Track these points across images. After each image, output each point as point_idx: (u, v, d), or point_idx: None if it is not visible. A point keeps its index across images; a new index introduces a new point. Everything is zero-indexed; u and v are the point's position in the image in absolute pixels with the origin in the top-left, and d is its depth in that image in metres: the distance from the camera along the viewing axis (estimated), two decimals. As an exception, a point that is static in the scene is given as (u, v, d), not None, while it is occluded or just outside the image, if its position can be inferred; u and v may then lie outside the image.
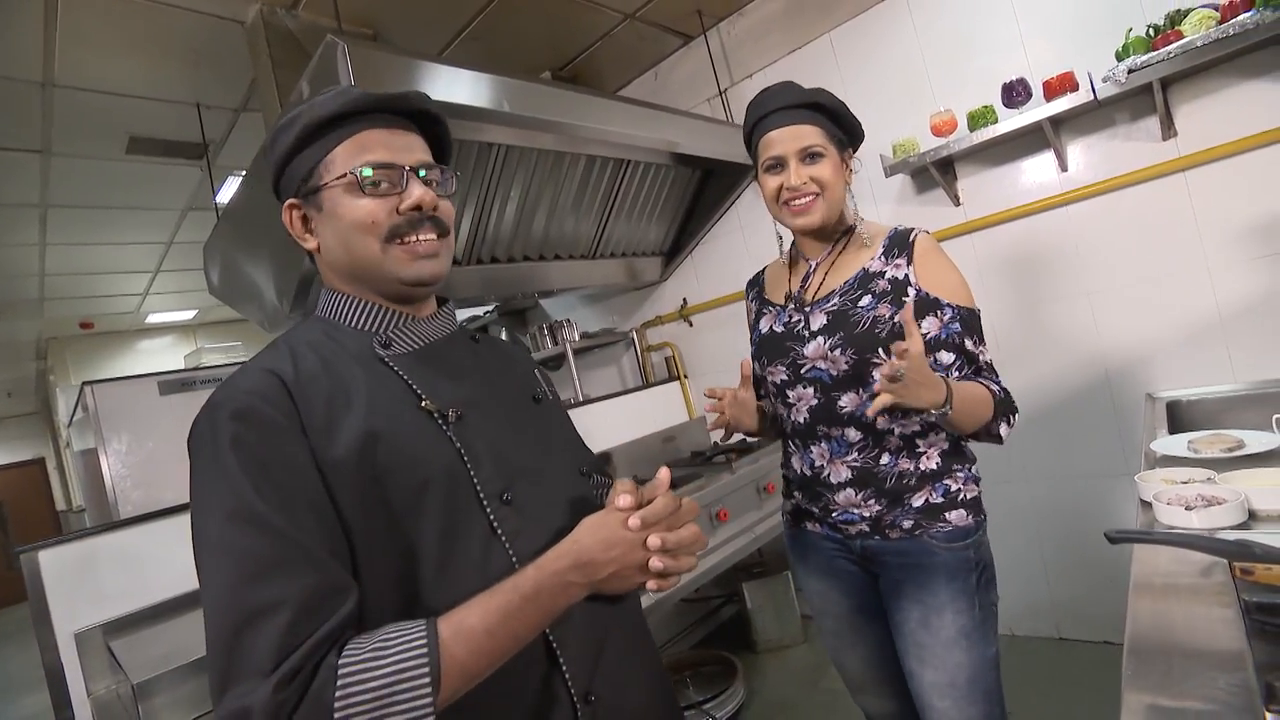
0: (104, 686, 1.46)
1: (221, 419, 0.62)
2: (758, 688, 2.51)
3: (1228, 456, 1.31)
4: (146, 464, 3.02)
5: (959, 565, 1.12)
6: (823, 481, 1.17)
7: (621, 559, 0.64)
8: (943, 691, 1.12)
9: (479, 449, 0.71)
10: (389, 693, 0.54)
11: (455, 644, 0.58)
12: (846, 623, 1.26)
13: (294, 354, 0.69)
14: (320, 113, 0.71)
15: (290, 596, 0.56)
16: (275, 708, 0.52)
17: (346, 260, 0.74)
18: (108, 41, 2.29)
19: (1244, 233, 1.88)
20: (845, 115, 1.15)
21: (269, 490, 0.59)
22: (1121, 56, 1.78)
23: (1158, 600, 0.84)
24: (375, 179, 0.71)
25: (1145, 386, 2.08)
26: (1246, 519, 1.01)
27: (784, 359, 1.17)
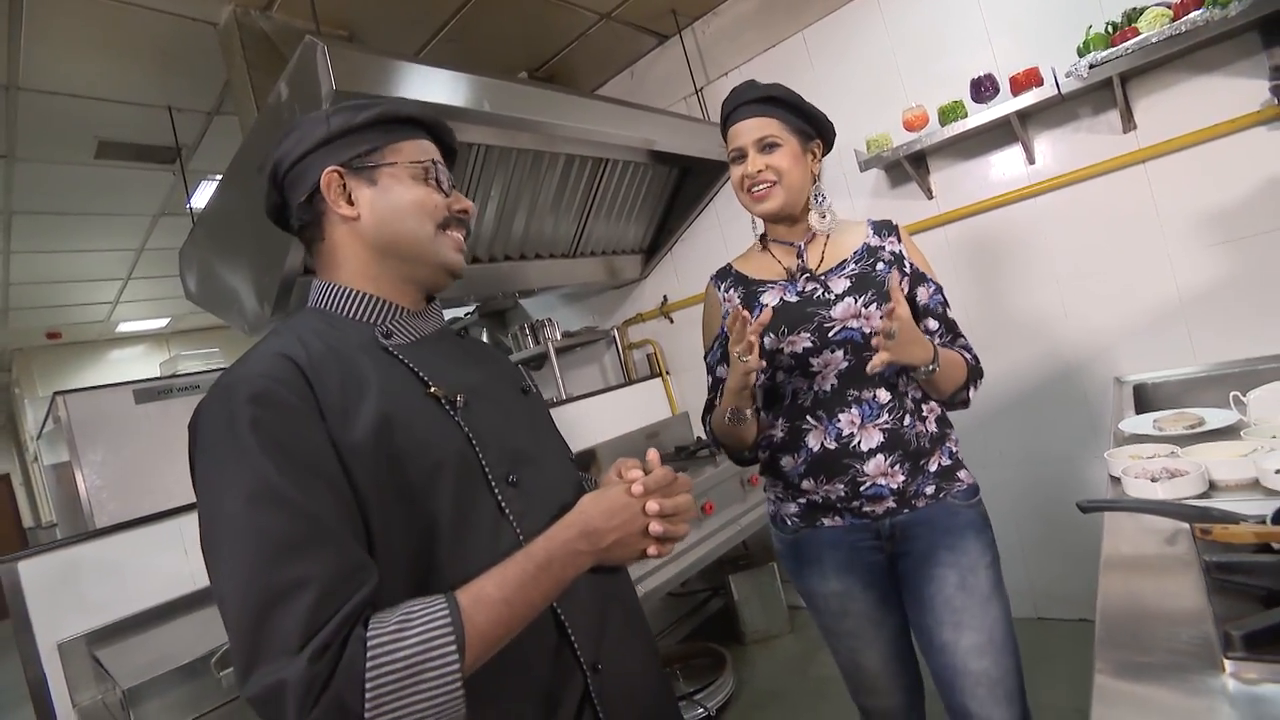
0: (89, 697, 1.44)
1: (239, 402, 0.63)
2: (746, 678, 2.54)
3: (1190, 433, 1.37)
4: (123, 474, 2.97)
5: (982, 520, 1.22)
6: (851, 452, 1.16)
7: (623, 526, 0.70)
8: (982, 650, 1.15)
9: (484, 433, 0.74)
10: (418, 662, 0.57)
11: (476, 613, 0.61)
12: (867, 619, 1.25)
13: (302, 339, 0.71)
14: (402, 109, 0.81)
15: (316, 575, 0.57)
16: (310, 680, 0.53)
17: (390, 235, 0.78)
18: (75, 44, 2.25)
19: (1201, 221, 1.96)
20: (803, 106, 1.20)
21: (291, 471, 0.60)
22: (1083, 52, 1.85)
23: (1128, 570, 0.88)
24: (438, 175, 0.81)
25: (1113, 370, 2.15)
26: (1207, 489, 1.06)
27: (808, 324, 1.17)
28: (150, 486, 2.86)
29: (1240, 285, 1.92)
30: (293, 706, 0.53)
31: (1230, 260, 1.93)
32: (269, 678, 0.54)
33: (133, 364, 6.67)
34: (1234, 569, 0.77)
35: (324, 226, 0.78)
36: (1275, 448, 1.07)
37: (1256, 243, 1.89)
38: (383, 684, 0.55)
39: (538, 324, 3.22)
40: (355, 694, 0.54)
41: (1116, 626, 0.76)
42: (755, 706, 2.35)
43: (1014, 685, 1.18)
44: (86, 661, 1.44)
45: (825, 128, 1.23)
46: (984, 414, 2.40)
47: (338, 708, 0.54)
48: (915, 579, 1.20)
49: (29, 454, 7.64)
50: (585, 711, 0.72)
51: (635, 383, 3.10)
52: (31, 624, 1.42)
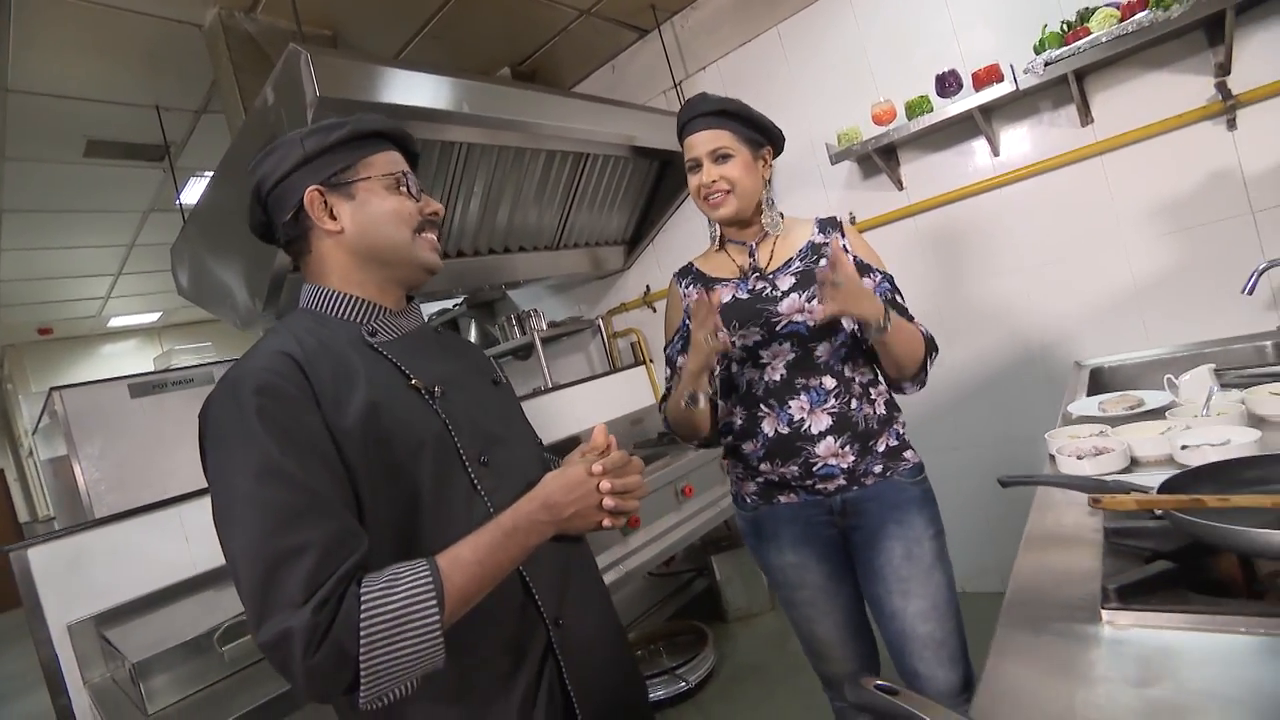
0: (99, 674, 1.53)
1: (245, 394, 0.72)
2: (728, 653, 2.65)
3: (1128, 414, 1.47)
4: (121, 467, 3.03)
5: (925, 496, 1.31)
6: (803, 435, 1.25)
7: (580, 500, 0.79)
8: (926, 615, 1.26)
9: (459, 419, 0.84)
10: (404, 614, 0.66)
11: (453, 573, 0.71)
12: (821, 590, 1.34)
13: (298, 337, 0.80)
14: (371, 126, 0.88)
15: (316, 539, 0.66)
16: (313, 628, 0.63)
17: (374, 242, 0.86)
18: (63, 47, 2.29)
19: (1154, 211, 2.05)
20: (753, 117, 1.27)
21: (292, 452, 0.70)
22: (1039, 50, 1.93)
23: (1046, 540, 0.98)
24: (408, 184, 0.88)
25: (1074, 355, 2.25)
26: (1129, 464, 1.16)
27: (756, 320, 1.27)
28: (148, 478, 2.93)
29: (1190, 273, 2.02)
30: (299, 650, 0.62)
31: (1180, 249, 2.03)
32: (278, 626, 0.63)
33: (125, 358, 6.71)
34: (1126, 534, 0.87)
35: (310, 240, 0.87)
36: (1190, 427, 1.17)
37: (1204, 232, 1.98)
38: (374, 632, 0.65)
39: (524, 315, 3.29)
40: (351, 640, 0.64)
41: (1024, 588, 0.86)
42: (734, 680, 2.47)
43: (957, 647, 1.28)
44: (95, 641, 1.53)
45: (774, 136, 1.31)
46: (953, 398, 2.50)
47: (337, 651, 0.63)
48: (866, 551, 1.30)
49: (23, 449, 7.68)
50: (548, 660, 0.83)
51: (620, 371, 3.19)
52: (43, 607, 1.51)
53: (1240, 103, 1.84)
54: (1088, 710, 0.60)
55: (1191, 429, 1.16)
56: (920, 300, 2.52)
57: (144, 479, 2.98)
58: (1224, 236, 1.95)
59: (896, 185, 2.49)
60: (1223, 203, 1.94)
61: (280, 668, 0.65)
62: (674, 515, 2.25)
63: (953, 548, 1.33)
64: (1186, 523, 0.75)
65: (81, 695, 1.52)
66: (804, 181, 2.67)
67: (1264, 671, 0.59)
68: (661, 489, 2.23)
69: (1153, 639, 0.68)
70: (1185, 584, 0.75)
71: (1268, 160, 1.85)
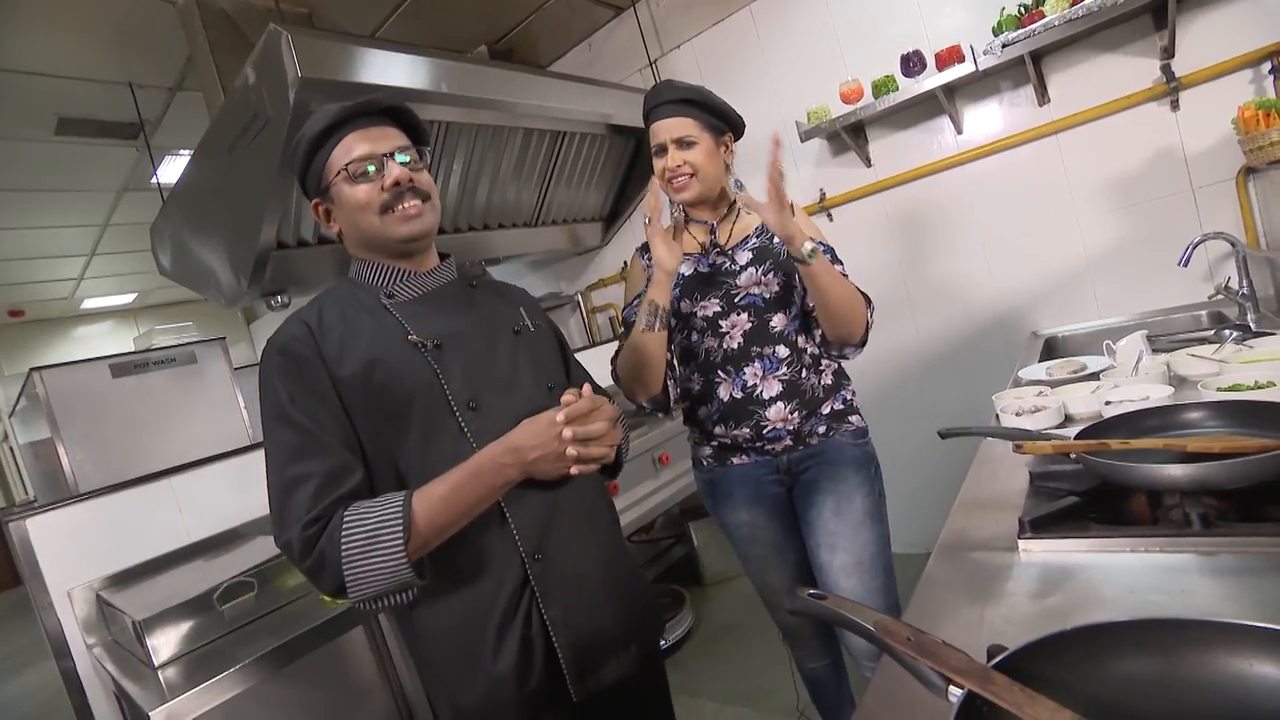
0: (101, 638, 1.60)
1: (272, 355, 0.90)
2: (705, 614, 2.78)
3: (1071, 377, 1.58)
4: (105, 447, 3.05)
5: (863, 458, 1.39)
6: (755, 400, 1.33)
7: (543, 446, 0.86)
8: (850, 571, 1.34)
9: (452, 368, 0.93)
10: (374, 534, 0.80)
11: (422, 506, 0.83)
12: (773, 545, 1.45)
13: (321, 308, 0.95)
14: (311, 131, 0.95)
15: (315, 471, 0.83)
16: (305, 540, 0.80)
17: (358, 233, 0.97)
18: (33, 22, 2.28)
19: (1104, 188, 2.16)
20: (716, 106, 1.33)
21: (300, 401, 0.86)
22: (997, 32, 2.01)
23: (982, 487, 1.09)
24: (361, 170, 0.93)
25: (1032, 325, 2.38)
26: (1063, 421, 1.27)
27: (717, 291, 1.36)
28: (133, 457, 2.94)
29: (1136, 246, 2.14)
30: (296, 555, 0.81)
31: (1128, 224, 2.14)
32: (285, 536, 0.82)
33: (100, 340, 6.64)
34: (1048, 477, 0.98)
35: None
36: (1119, 386, 1.28)
37: (1150, 208, 2.09)
38: (352, 548, 0.80)
39: (505, 292, 3.34)
40: (334, 551, 0.80)
41: (956, 528, 0.96)
42: (711, 639, 2.59)
43: (880, 605, 1.35)
44: (96, 606, 1.59)
45: (735, 123, 1.37)
46: (916, 368, 2.62)
47: (321, 559, 0.80)
48: (802, 505, 1.41)
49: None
50: (524, 591, 0.92)
51: (599, 344, 3.26)
52: (43, 575, 1.56)
53: (1183, 85, 1.94)
54: (994, 619, 0.70)
55: (1119, 388, 1.27)
56: (887, 273, 2.62)
57: (129, 458, 2.99)
58: (1167, 212, 2.06)
59: (865, 162, 2.57)
60: (1167, 180, 2.05)
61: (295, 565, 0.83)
62: (651, 482, 2.35)
63: (911, 512, 1.43)
64: (1095, 463, 0.86)
65: (85, 658, 1.59)
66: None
67: (1139, 578, 0.70)
68: (639, 457, 2.32)
69: (1056, 561, 0.79)
70: (1093, 517, 0.85)
71: (1207, 140, 1.96)
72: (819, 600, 0.59)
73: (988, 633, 0.68)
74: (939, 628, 0.71)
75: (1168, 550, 0.73)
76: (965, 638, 0.67)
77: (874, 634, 0.53)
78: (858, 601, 1.25)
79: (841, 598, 0.59)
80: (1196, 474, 0.74)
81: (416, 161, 0.97)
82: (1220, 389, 1.10)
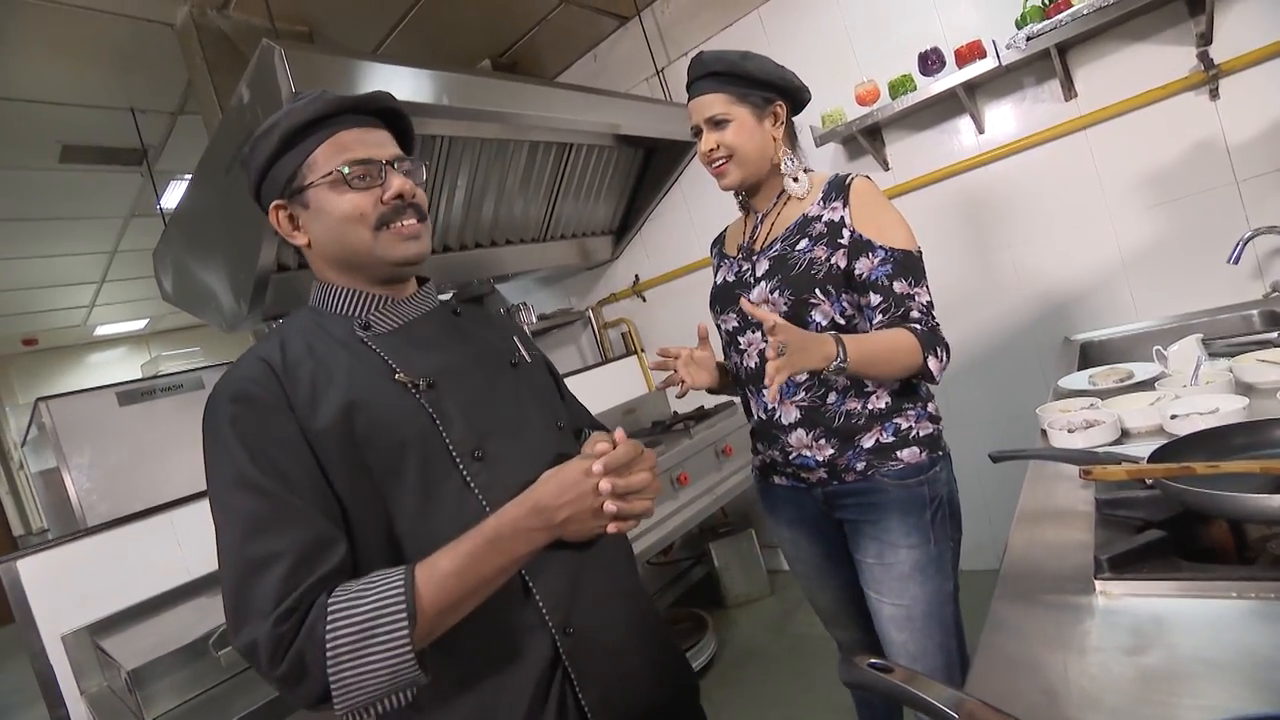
0: (96, 684, 1.52)
1: (222, 403, 0.73)
2: (728, 638, 2.66)
3: (1118, 386, 1.47)
4: (112, 476, 3.00)
5: (912, 502, 1.17)
6: (775, 424, 1.22)
7: (575, 503, 0.70)
8: (900, 624, 1.19)
9: (451, 412, 0.79)
10: (370, 627, 0.63)
11: (427, 585, 0.66)
12: (815, 567, 1.35)
13: (283, 341, 0.78)
14: (297, 119, 0.78)
15: (286, 549, 0.65)
16: (277, 639, 0.62)
17: (338, 250, 0.81)
18: (32, 49, 2.25)
19: (1139, 184, 2.05)
20: (751, 73, 1.17)
21: (264, 460, 0.69)
22: (1021, 24, 1.91)
23: (1039, 513, 0.98)
24: (359, 174, 0.78)
25: (1064, 330, 2.26)
26: (1120, 436, 1.16)
27: (733, 306, 1.24)
28: (140, 486, 2.90)
29: (1176, 244, 2.02)
30: (264, 660, 0.63)
31: (1166, 221, 2.03)
32: (248, 636, 0.63)
33: (113, 366, 6.66)
34: (1118, 504, 0.87)
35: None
36: (1179, 396, 1.17)
37: (1189, 203, 1.98)
38: (340, 645, 0.63)
39: (514, 308, 3.27)
40: (316, 652, 0.62)
41: (1018, 562, 0.86)
42: (736, 665, 2.48)
43: (937, 664, 1.18)
44: (90, 651, 1.52)
45: (784, 88, 1.21)
46: (948, 375, 2.49)
47: (300, 664, 0.63)
48: (851, 540, 1.26)
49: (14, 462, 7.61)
50: (556, 671, 0.77)
51: (612, 361, 3.18)
52: (35, 619, 1.49)
53: (1223, 72, 1.84)
54: (1082, 680, 0.60)
55: (1180, 399, 1.16)
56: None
57: (136, 487, 2.95)
58: (1209, 207, 1.95)
59: (882, 166, 2.48)
60: (1207, 173, 1.94)
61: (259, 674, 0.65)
62: (670, 503, 2.25)
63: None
64: (1177, 490, 0.75)
65: (79, 705, 1.51)
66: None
67: (1253, 635, 0.60)
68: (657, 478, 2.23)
69: (1145, 607, 0.68)
70: (1176, 552, 0.75)
71: (1251, 129, 1.85)
72: (883, 673, 0.49)
73: (1078, 699, 0.57)
74: (1017, 691, 0.61)
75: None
76: (1056, 709, 0.57)
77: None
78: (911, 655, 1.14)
79: (910, 670, 0.49)
80: (1313, 505, 0.64)
81: (411, 174, 0.83)
82: (1303, 398, 0.99)
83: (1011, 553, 0.89)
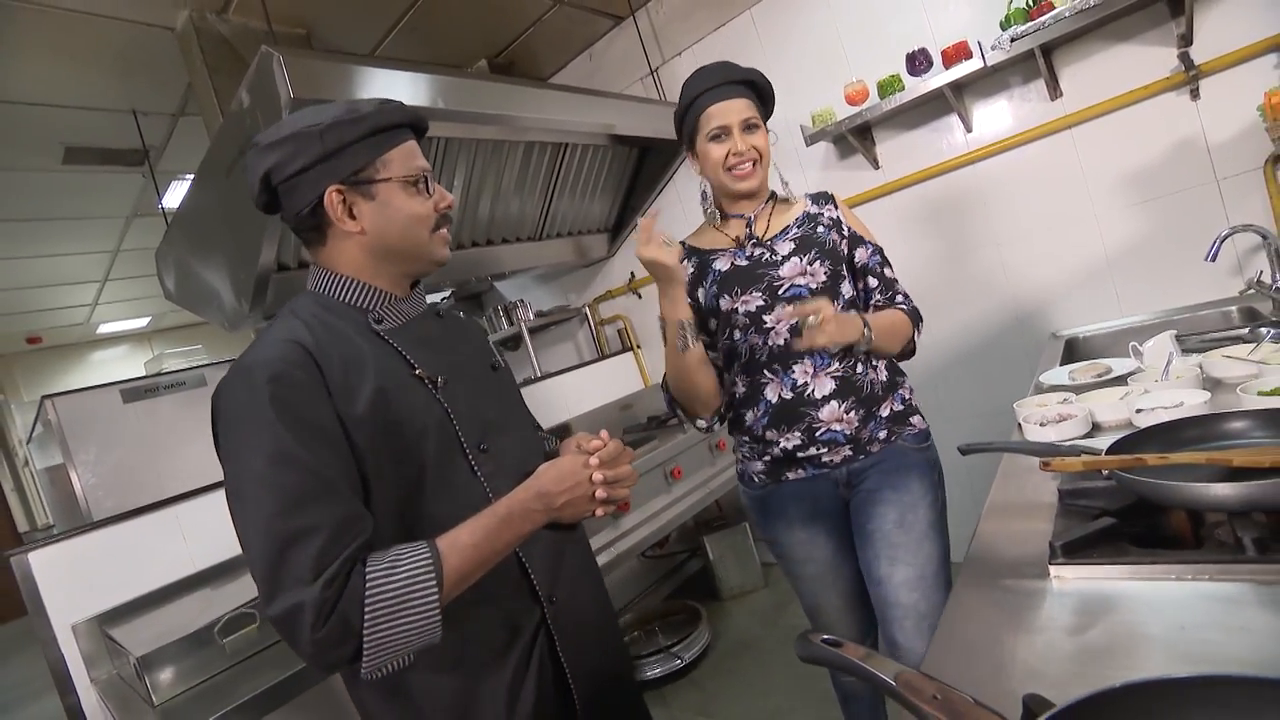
0: (105, 672, 1.57)
1: (259, 381, 0.75)
2: (722, 630, 2.72)
3: (1097, 381, 1.51)
4: (116, 472, 3.06)
5: (928, 464, 1.32)
6: (806, 400, 1.25)
7: (572, 490, 0.82)
8: (913, 585, 1.26)
9: (460, 408, 0.88)
10: (406, 592, 0.72)
11: (451, 555, 0.76)
12: (828, 564, 1.37)
13: (308, 325, 0.83)
14: (390, 119, 0.85)
15: (325, 522, 0.71)
16: (322, 603, 0.68)
17: (399, 244, 0.87)
18: (35, 53, 2.29)
19: (1123, 182, 2.09)
20: (770, 94, 1.32)
21: (304, 438, 0.74)
22: (1005, 26, 1.95)
23: (1007, 504, 1.03)
24: (426, 182, 0.88)
25: (1051, 326, 2.30)
26: (1090, 430, 1.20)
27: (758, 284, 1.28)
28: (145, 481, 2.96)
29: (1159, 242, 2.06)
30: (309, 622, 0.68)
31: (1150, 219, 2.07)
32: (289, 601, 0.68)
33: (116, 364, 6.71)
34: (1078, 495, 0.91)
35: (326, 233, 0.87)
36: (1148, 391, 1.22)
37: (1171, 201, 2.02)
38: (378, 609, 0.70)
39: (511, 305, 3.32)
40: (357, 614, 0.69)
41: (982, 550, 0.90)
42: (729, 655, 2.53)
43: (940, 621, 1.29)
44: (100, 640, 1.57)
45: (771, 111, 1.35)
46: (934, 370, 2.55)
47: (343, 624, 0.69)
48: (860, 516, 1.31)
49: (19, 459, 7.68)
50: (541, 634, 0.89)
51: (608, 357, 3.22)
52: (46, 609, 1.54)
53: (1203, 72, 1.87)
54: (1029, 656, 0.65)
55: (1149, 393, 1.20)
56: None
57: (141, 482, 3.01)
58: (1190, 205, 1.99)
59: (872, 164, 2.51)
60: (1189, 171, 1.97)
61: (289, 639, 0.70)
62: (664, 497, 2.30)
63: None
64: (1129, 480, 0.80)
65: (89, 693, 1.56)
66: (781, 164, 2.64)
67: (1189, 613, 0.64)
68: (651, 471, 2.27)
69: (1093, 589, 0.72)
70: (1128, 539, 0.79)
71: (1230, 128, 1.88)
72: (834, 648, 0.54)
73: (1021, 674, 0.62)
74: (967, 667, 0.66)
75: (1218, 578, 0.67)
76: (997, 682, 0.61)
77: (896, 690, 0.48)
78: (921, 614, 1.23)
79: (857, 645, 0.54)
80: (1248, 493, 0.68)
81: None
82: (1261, 393, 1.03)
83: (977, 541, 0.93)
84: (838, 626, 1.42)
